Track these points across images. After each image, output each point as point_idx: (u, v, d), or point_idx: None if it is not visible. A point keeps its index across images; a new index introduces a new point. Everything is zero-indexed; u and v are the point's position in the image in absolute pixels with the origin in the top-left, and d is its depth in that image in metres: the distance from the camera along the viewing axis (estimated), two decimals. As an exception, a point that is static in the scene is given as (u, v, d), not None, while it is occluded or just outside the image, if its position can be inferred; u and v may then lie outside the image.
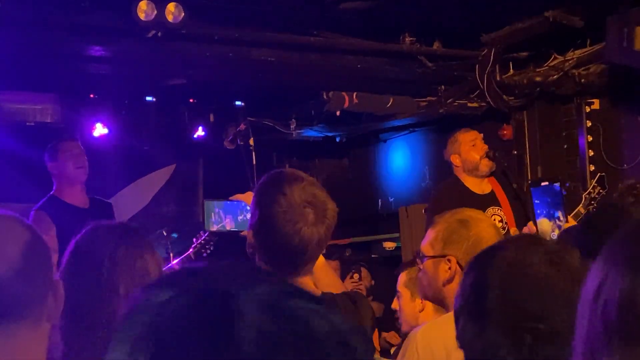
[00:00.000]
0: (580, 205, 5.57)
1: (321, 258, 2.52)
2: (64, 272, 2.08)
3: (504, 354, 1.47)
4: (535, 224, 4.64)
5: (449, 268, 2.71)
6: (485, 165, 5.65)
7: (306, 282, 2.35)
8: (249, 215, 2.49)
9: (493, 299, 1.52)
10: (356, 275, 6.54)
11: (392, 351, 5.06)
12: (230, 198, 2.73)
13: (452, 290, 2.50)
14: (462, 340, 1.55)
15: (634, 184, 3.06)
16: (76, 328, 2.00)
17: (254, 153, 6.43)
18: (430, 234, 2.87)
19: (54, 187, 5.48)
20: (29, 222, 1.50)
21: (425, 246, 2.84)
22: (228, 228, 2.71)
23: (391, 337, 6.28)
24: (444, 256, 2.73)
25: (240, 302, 0.75)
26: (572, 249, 1.61)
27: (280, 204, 2.26)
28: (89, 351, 1.96)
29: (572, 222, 5.40)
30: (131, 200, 7.56)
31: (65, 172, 5.40)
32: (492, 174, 5.74)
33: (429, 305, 3.78)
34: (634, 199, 2.63)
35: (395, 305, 4.22)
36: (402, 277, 4.12)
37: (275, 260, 2.29)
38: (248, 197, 2.54)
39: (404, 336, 3.69)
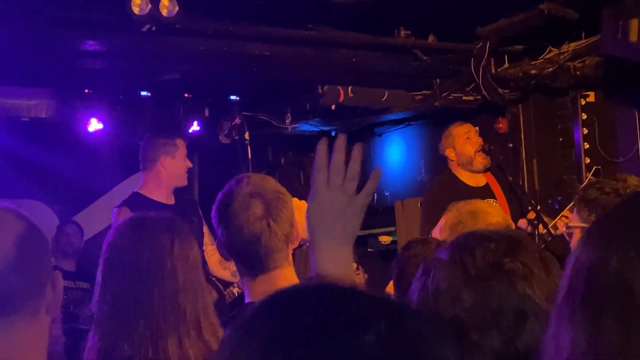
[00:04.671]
0: (577, 197, 5.58)
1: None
2: (109, 263, 2.13)
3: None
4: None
5: None
6: (480, 163, 5.66)
7: (285, 274, 2.34)
8: None
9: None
10: (354, 265, 6.52)
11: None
12: None
13: None
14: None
15: (597, 180, 3.11)
16: (129, 318, 2.06)
17: (249, 147, 6.42)
18: (442, 221, 2.95)
19: (140, 183, 5.35)
20: (25, 213, 1.48)
21: (435, 232, 2.93)
22: None
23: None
24: None
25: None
26: None
27: (229, 201, 2.32)
28: (147, 343, 2.03)
29: (568, 214, 5.43)
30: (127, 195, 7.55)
31: (176, 171, 5.28)
32: (487, 168, 5.75)
33: None
34: (598, 192, 2.68)
35: None
36: None
37: (240, 259, 2.29)
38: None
39: None
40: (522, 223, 5.64)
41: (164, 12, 5.00)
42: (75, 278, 6.85)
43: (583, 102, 6.44)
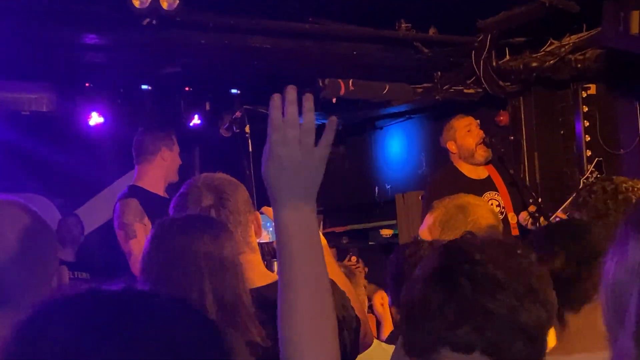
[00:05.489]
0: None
1: (323, 241, 2.53)
2: (147, 261, 2.17)
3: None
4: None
5: None
6: (481, 155, 5.66)
7: (250, 259, 2.38)
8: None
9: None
10: (354, 258, 6.50)
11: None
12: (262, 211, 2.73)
13: None
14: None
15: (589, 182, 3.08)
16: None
17: (250, 141, 6.41)
18: (429, 219, 2.87)
19: (134, 176, 5.33)
20: (33, 207, 1.48)
21: (424, 231, 2.85)
22: (266, 240, 2.69)
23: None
24: None
25: None
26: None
27: (184, 197, 2.42)
28: None
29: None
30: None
31: (173, 165, 5.28)
32: (488, 160, 5.75)
33: None
34: (586, 193, 2.68)
35: None
36: None
37: None
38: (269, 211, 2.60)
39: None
40: (524, 216, 5.64)
41: (165, 6, 4.99)
42: (75, 268, 6.87)
43: (584, 95, 6.43)
